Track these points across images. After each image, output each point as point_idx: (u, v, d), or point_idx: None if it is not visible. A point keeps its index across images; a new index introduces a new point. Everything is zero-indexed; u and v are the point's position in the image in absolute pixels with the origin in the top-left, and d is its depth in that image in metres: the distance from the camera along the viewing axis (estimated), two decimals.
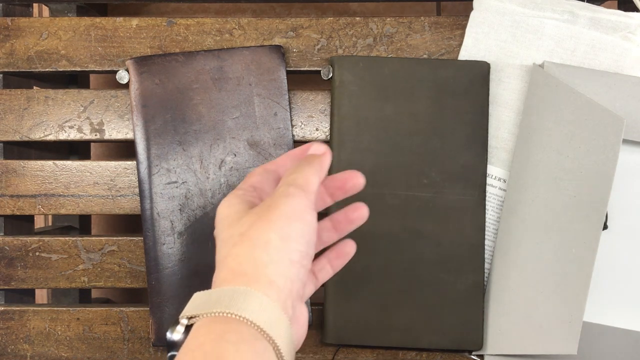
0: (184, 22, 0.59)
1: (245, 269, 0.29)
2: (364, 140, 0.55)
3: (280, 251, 0.29)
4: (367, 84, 0.56)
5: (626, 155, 0.56)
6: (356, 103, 0.55)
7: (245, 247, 0.29)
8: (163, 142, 0.55)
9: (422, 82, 0.56)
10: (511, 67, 0.57)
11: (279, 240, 0.29)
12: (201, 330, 0.28)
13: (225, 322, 0.27)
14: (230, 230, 0.31)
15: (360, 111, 0.55)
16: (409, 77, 0.56)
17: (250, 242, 0.29)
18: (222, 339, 0.27)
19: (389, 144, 0.55)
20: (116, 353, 0.58)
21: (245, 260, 0.29)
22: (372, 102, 0.56)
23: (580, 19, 0.56)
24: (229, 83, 0.56)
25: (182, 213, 0.55)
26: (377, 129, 0.55)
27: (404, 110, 0.56)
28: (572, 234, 0.53)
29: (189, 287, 0.55)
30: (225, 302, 0.28)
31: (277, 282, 0.29)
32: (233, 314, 0.27)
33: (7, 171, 0.59)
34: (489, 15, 0.57)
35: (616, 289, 0.57)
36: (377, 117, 0.55)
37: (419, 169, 0.55)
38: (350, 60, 0.56)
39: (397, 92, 0.56)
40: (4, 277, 0.59)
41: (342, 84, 0.56)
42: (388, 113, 0.56)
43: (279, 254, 0.29)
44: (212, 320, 0.28)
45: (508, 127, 0.57)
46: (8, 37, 0.59)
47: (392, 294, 0.55)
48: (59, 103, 0.59)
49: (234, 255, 0.29)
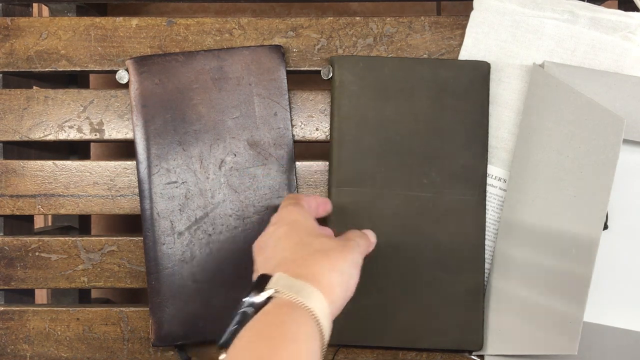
0: (183, 22, 0.59)
1: (322, 279, 0.39)
2: (364, 140, 0.55)
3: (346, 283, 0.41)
4: (367, 83, 0.55)
5: (626, 155, 0.56)
6: (356, 103, 0.55)
7: (326, 264, 0.40)
8: (163, 142, 0.55)
9: (423, 82, 0.56)
10: (511, 67, 0.57)
11: (347, 274, 0.41)
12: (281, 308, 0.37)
13: (296, 310, 0.36)
14: (308, 237, 0.42)
15: (361, 111, 0.55)
16: (409, 77, 0.56)
17: (331, 265, 0.40)
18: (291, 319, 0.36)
19: (389, 143, 0.55)
20: (116, 353, 0.58)
21: (326, 274, 0.39)
22: (372, 102, 0.55)
23: (581, 19, 0.56)
24: (229, 83, 0.56)
25: (182, 213, 0.55)
26: (377, 129, 0.55)
27: (404, 110, 0.55)
28: (572, 234, 0.53)
29: (189, 287, 0.55)
30: (305, 295, 0.37)
31: (338, 303, 0.40)
32: (307, 308, 0.36)
33: (7, 171, 0.59)
34: (489, 15, 0.57)
35: (616, 289, 0.57)
36: (378, 117, 0.55)
37: (419, 169, 0.55)
38: (350, 60, 0.56)
39: (397, 92, 0.56)
40: (4, 277, 0.58)
41: (342, 84, 0.56)
42: (388, 113, 0.55)
43: (345, 282, 0.40)
44: (287, 303, 0.37)
45: (508, 127, 0.57)
46: (8, 37, 0.59)
47: (393, 294, 0.55)
48: (59, 103, 0.59)
49: (317, 261, 0.40)
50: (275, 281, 0.38)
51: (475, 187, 0.55)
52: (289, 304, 0.37)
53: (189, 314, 0.55)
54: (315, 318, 0.36)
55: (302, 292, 0.37)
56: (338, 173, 0.55)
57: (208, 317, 0.55)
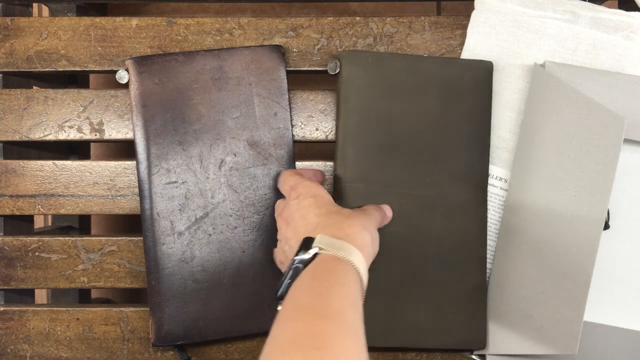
0: (183, 22, 0.58)
1: (357, 238, 0.45)
2: (369, 136, 0.55)
3: (375, 240, 0.48)
4: (375, 80, 0.55)
5: (627, 155, 0.56)
6: (364, 99, 0.55)
7: (358, 226, 0.46)
8: (163, 142, 0.55)
9: (429, 80, 0.55)
10: (512, 67, 0.57)
11: (374, 234, 0.48)
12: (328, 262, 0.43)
13: (340, 262, 0.43)
14: (333, 206, 0.49)
15: (367, 108, 0.55)
16: (416, 75, 0.55)
17: (362, 225, 0.47)
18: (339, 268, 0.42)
19: (394, 141, 0.55)
20: (116, 353, 0.58)
21: (359, 233, 0.46)
22: (379, 99, 0.55)
23: (582, 19, 0.56)
24: (229, 83, 0.56)
25: (182, 213, 0.55)
26: (383, 126, 0.55)
27: (410, 108, 0.55)
28: (573, 233, 0.53)
29: (189, 287, 0.55)
30: (346, 251, 0.43)
31: (369, 257, 0.46)
32: (349, 261, 0.43)
33: (7, 171, 0.59)
34: (490, 15, 0.57)
35: (616, 289, 0.57)
36: (384, 114, 0.55)
37: (423, 168, 0.55)
38: (359, 56, 0.55)
39: (404, 90, 0.55)
40: (4, 277, 0.58)
41: (350, 80, 0.55)
42: (394, 110, 0.55)
43: (374, 240, 0.47)
44: (331, 257, 0.43)
45: (509, 127, 0.57)
46: (8, 37, 0.59)
47: (397, 293, 0.55)
48: (59, 103, 0.59)
49: (350, 225, 0.46)
50: (319, 241, 0.44)
51: (477, 186, 0.55)
52: (334, 258, 0.43)
53: (189, 314, 0.55)
54: (355, 269, 0.43)
55: (342, 248, 0.43)
56: (344, 170, 0.55)
57: (208, 317, 0.55)
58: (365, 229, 0.46)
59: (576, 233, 0.53)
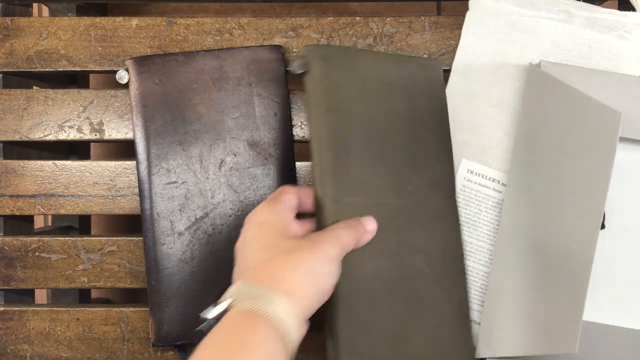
0: (183, 21, 0.59)
1: (284, 280, 0.37)
2: (347, 141, 0.48)
3: (316, 279, 0.38)
4: (345, 79, 0.49)
5: (623, 153, 0.56)
6: (338, 100, 0.48)
7: (289, 264, 0.38)
8: (163, 142, 0.55)
9: (391, 80, 0.51)
10: (507, 67, 0.57)
11: (317, 271, 0.38)
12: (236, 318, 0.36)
13: (252, 318, 0.35)
14: (276, 238, 0.40)
15: (342, 110, 0.48)
16: (380, 74, 0.51)
17: (295, 264, 0.38)
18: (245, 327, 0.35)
19: (373, 146, 0.49)
20: (116, 353, 0.58)
21: (288, 274, 0.37)
22: (352, 100, 0.49)
23: (576, 19, 0.56)
24: (229, 83, 0.56)
25: (182, 213, 0.55)
26: (361, 130, 0.48)
27: (382, 110, 0.50)
28: (571, 232, 0.53)
29: (189, 287, 0.55)
30: (263, 300, 0.36)
31: (306, 302, 0.38)
32: (265, 314, 0.35)
33: (7, 171, 0.59)
34: (484, 15, 0.57)
35: (615, 288, 0.57)
36: (360, 117, 0.49)
37: (404, 175, 0.50)
38: (327, 51, 0.49)
39: (373, 90, 0.50)
40: (4, 277, 0.59)
41: (321, 79, 0.48)
42: (368, 112, 0.49)
43: (314, 279, 0.38)
44: (241, 313, 0.36)
45: (504, 128, 0.57)
46: (8, 37, 0.59)
47: (400, 320, 0.48)
48: (59, 103, 0.59)
49: (278, 264, 0.38)
50: (235, 290, 0.38)
51: (450, 193, 0.52)
52: (245, 314, 0.36)
53: (189, 314, 0.55)
54: (271, 321, 0.36)
55: (260, 297, 0.36)
56: (332, 185, 0.46)
57: None
58: (298, 268, 0.38)
59: (574, 232, 0.53)
